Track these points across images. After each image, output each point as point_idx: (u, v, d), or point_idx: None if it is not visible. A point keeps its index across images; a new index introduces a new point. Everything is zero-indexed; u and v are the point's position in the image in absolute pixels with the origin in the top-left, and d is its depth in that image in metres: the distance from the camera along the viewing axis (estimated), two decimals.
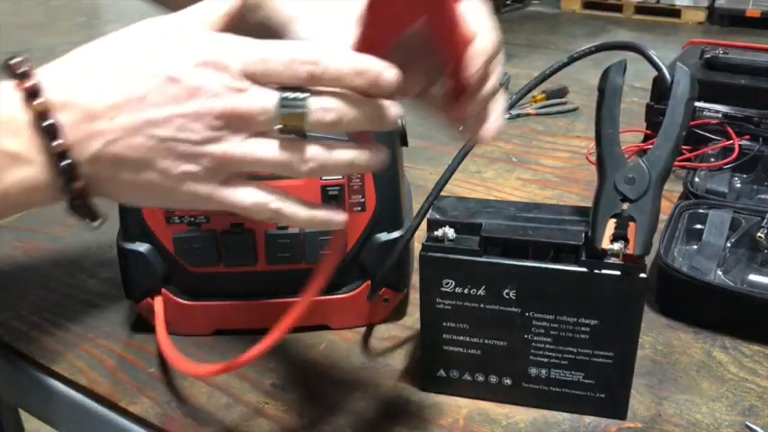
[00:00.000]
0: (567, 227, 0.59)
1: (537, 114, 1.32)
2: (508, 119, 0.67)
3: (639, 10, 5.08)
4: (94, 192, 0.40)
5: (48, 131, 0.36)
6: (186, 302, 0.71)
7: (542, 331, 0.60)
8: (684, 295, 0.74)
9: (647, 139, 1.13)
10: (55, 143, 0.37)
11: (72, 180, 0.38)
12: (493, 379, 0.63)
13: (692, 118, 0.68)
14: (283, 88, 0.39)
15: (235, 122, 0.39)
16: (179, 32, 0.41)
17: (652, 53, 0.59)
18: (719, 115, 1.08)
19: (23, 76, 0.37)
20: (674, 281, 0.74)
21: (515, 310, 0.60)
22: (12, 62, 0.37)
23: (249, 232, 0.68)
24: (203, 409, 0.65)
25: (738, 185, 1.00)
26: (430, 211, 0.62)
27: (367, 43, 0.41)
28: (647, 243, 0.55)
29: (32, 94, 0.36)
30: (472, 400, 0.64)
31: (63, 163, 0.37)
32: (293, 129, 0.40)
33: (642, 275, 0.56)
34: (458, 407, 0.64)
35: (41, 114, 0.36)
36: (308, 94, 0.39)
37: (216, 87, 0.38)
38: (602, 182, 0.57)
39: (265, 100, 0.39)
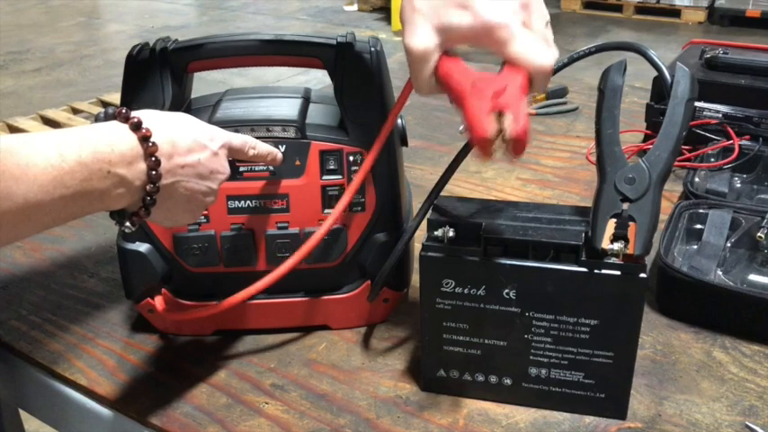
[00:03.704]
0: (567, 227, 0.59)
1: (537, 114, 1.31)
2: None
3: (639, 10, 5.09)
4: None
5: (152, 166, 0.50)
6: (186, 302, 0.71)
7: (542, 331, 0.60)
8: (684, 295, 0.74)
9: (647, 139, 1.13)
10: (154, 173, 0.50)
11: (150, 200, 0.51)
12: (493, 379, 0.63)
13: (692, 118, 0.68)
14: None
15: None
16: None
17: (652, 53, 0.59)
18: (719, 115, 1.08)
19: (138, 126, 0.50)
20: (674, 281, 0.74)
21: (515, 310, 0.60)
22: (123, 112, 0.50)
23: (249, 232, 0.68)
24: (203, 409, 0.65)
25: (738, 185, 1.00)
26: (430, 211, 0.62)
27: None
28: (647, 243, 0.55)
29: (145, 138, 0.50)
30: (472, 400, 0.65)
31: (149, 187, 0.50)
32: None
33: (642, 275, 0.56)
34: (458, 407, 0.64)
35: (151, 153, 0.50)
36: None
37: None
38: (602, 182, 0.57)
39: None
